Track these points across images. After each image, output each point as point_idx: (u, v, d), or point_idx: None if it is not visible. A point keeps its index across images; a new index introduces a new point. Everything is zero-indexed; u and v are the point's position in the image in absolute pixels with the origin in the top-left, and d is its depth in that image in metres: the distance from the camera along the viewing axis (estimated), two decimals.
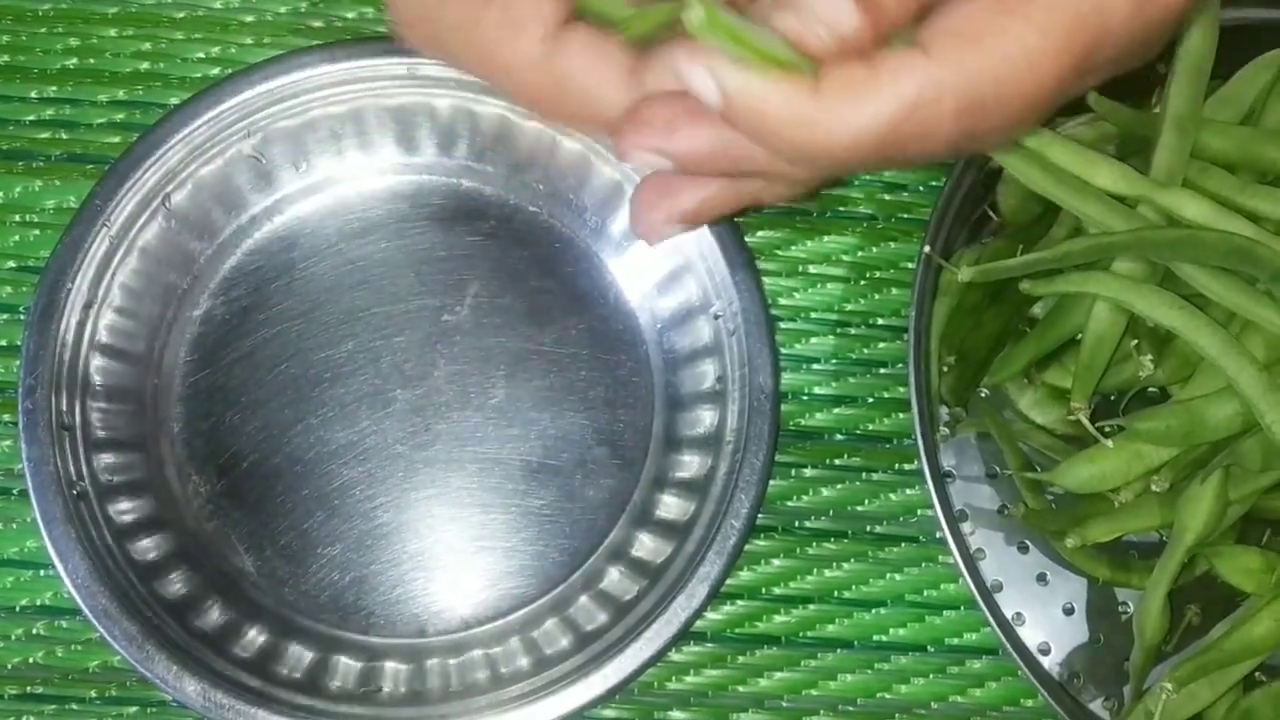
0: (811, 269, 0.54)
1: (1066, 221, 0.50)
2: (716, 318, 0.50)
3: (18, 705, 0.48)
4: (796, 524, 0.52)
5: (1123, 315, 0.48)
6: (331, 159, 0.51)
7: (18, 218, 0.52)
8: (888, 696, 0.51)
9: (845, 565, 0.52)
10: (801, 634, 0.51)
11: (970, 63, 0.28)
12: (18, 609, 0.49)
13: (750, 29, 0.27)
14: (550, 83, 0.32)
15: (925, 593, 0.52)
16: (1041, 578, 0.52)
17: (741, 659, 0.51)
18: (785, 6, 0.28)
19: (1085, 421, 0.47)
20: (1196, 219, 0.47)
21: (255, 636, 0.48)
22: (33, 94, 0.53)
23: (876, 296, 0.54)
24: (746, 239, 0.52)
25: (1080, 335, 0.49)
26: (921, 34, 0.28)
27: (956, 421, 0.52)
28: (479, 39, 0.33)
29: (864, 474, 0.53)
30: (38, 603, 0.49)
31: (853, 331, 0.54)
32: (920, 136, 0.28)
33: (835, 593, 0.52)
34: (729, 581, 0.50)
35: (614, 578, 0.50)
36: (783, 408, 0.52)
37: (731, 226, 0.50)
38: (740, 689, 0.51)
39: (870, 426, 0.53)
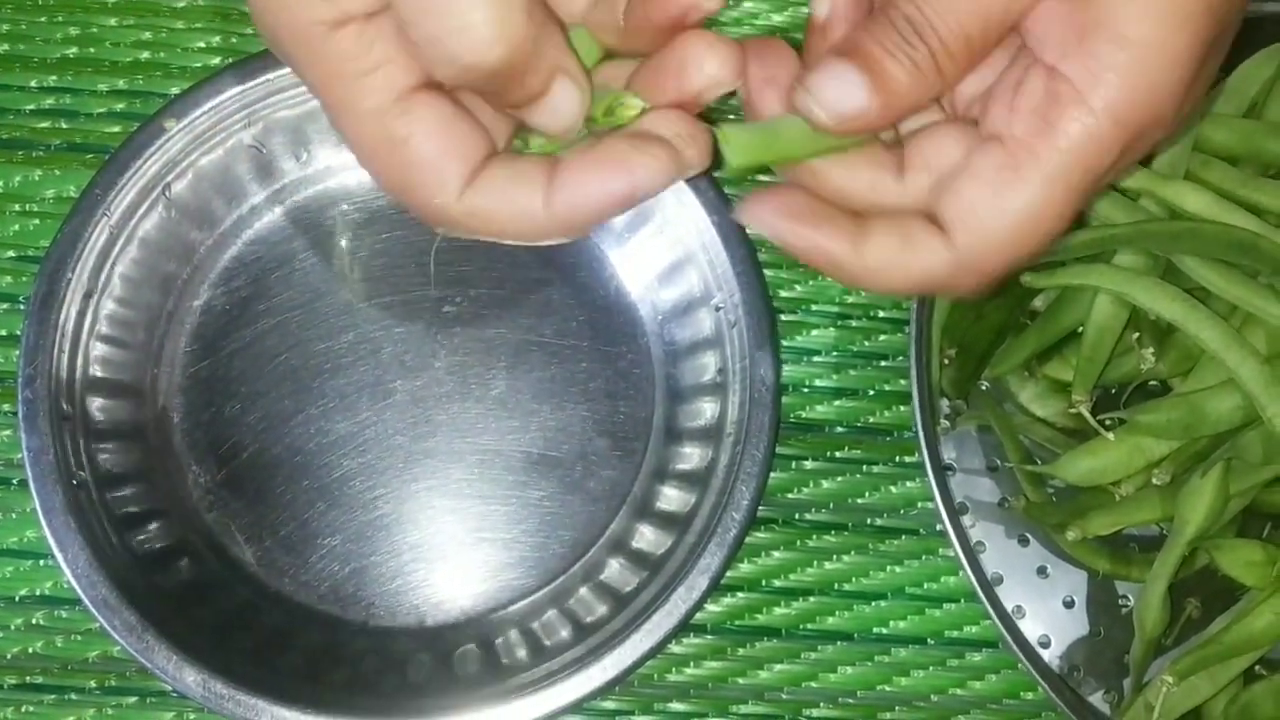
0: None
1: None
2: (718, 310, 0.50)
3: (17, 695, 0.48)
4: (797, 516, 0.52)
5: (1124, 308, 0.48)
6: (332, 149, 0.51)
7: (17, 207, 0.52)
8: (887, 689, 0.51)
9: (845, 558, 0.52)
10: (802, 626, 0.51)
11: (980, 245, 0.32)
12: (17, 599, 0.49)
13: (776, 133, 0.32)
14: (388, 140, 0.31)
15: (925, 585, 0.52)
16: (1042, 571, 0.52)
17: (741, 651, 0.51)
18: (800, 86, 0.31)
19: (1087, 414, 0.47)
20: (1198, 212, 0.47)
21: (255, 627, 0.48)
22: (33, 83, 0.53)
23: None
24: (748, 231, 0.52)
25: (1081, 328, 0.49)
26: (945, 212, 0.32)
27: (957, 414, 0.52)
28: (325, 60, 0.30)
29: (865, 466, 0.53)
30: (37, 592, 0.49)
31: (854, 324, 0.54)
32: (944, 289, 0.34)
33: (835, 585, 0.52)
34: (729, 574, 0.50)
35: (614, 569, 0.50)
36: (784, 400, 0.52)
37: (733, 219, 0.50)
38: (740, 681, 0.51)
39: (871, 419, 0.53)
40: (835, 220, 0.33)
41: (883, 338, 0.54)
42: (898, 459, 0.53)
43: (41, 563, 0.49)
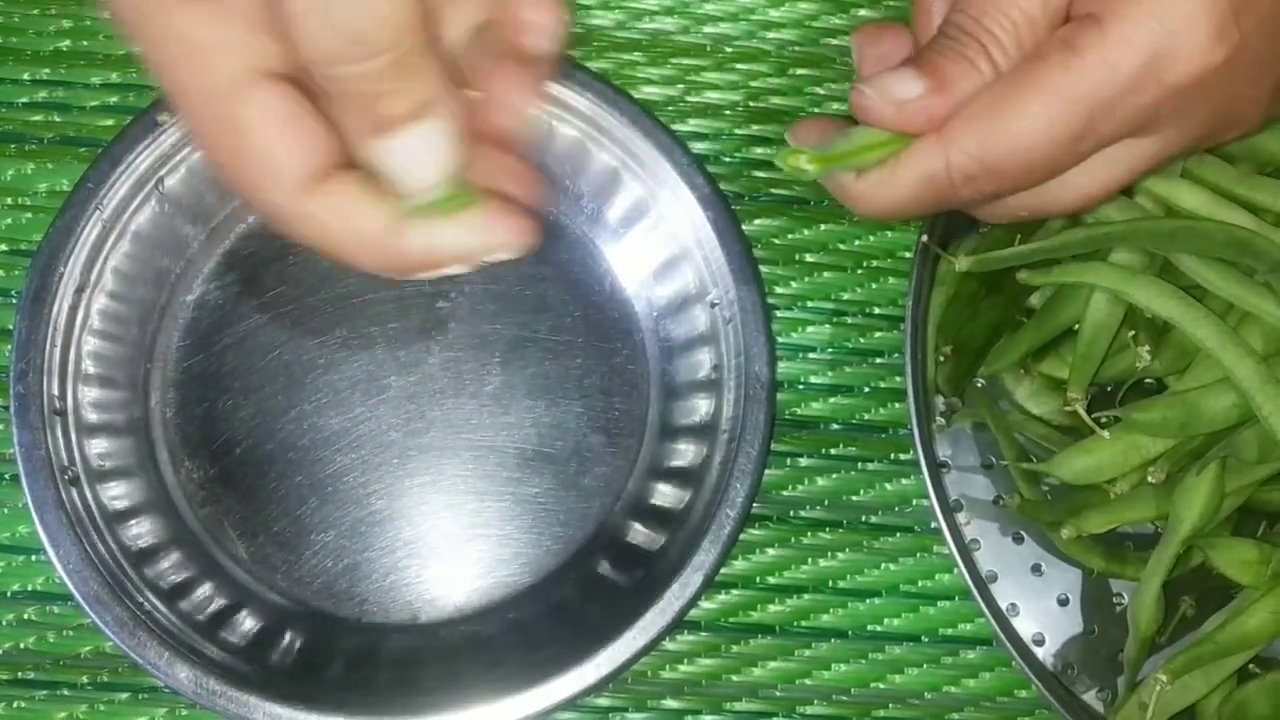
0: (808, 257, 0.54)
1: None
2: (713, 306, 0.50)
3: (8, 690, 0.48)
4: (791, 513, 0.52)
5: (1120, 306, 0.48)
6: None
7: (10, 201, 0.52)
8: (881, 686, 0.51)
9: (840, 555, 0.52)
10: (796, 623, 0.51)
11: (969, 142, 0.34)
12: (9, 594, 0.49)
13: (844, 140, 0.35)
14: (226, 124, 0.29)
15: (920, 583, 0.52)
16: (1036, 568, 0.52)
17: (735, 648, 0.51)
18: (864, 82, 0.35)
19: (1082, 413, 0.47)
20: (1195, 209, 0.47)
21: (247, 623, 0.48)
22: (25, 76, 0.52)
23: (873, 285, 0.54)
24: (744, 227, 0.52)
25: (1077, 326, 0.49)
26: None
27: (953, 412, 0.52)
28: (167, 36, 0.29)
29: (859, 463, 0.53)
30: (29, 588, 0.49)
31: (849, 320, 0.54)
32: (936, 199, 0.36)
33: (830, 582, 0.52)
34: (723, 570, 0.50)
35: (608, 566, 0.50)
36: (779, 397, 0.52)
37: (729, 215, 0.50)
38: (734, 678, 0.51)
39: (866, 416, 0.53)
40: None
41: (878, 334, 0.54)
42: (893, 456, 0.53)
43: (33, 558, 0.49)
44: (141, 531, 0.48)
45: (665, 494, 0.50)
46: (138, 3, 0.29)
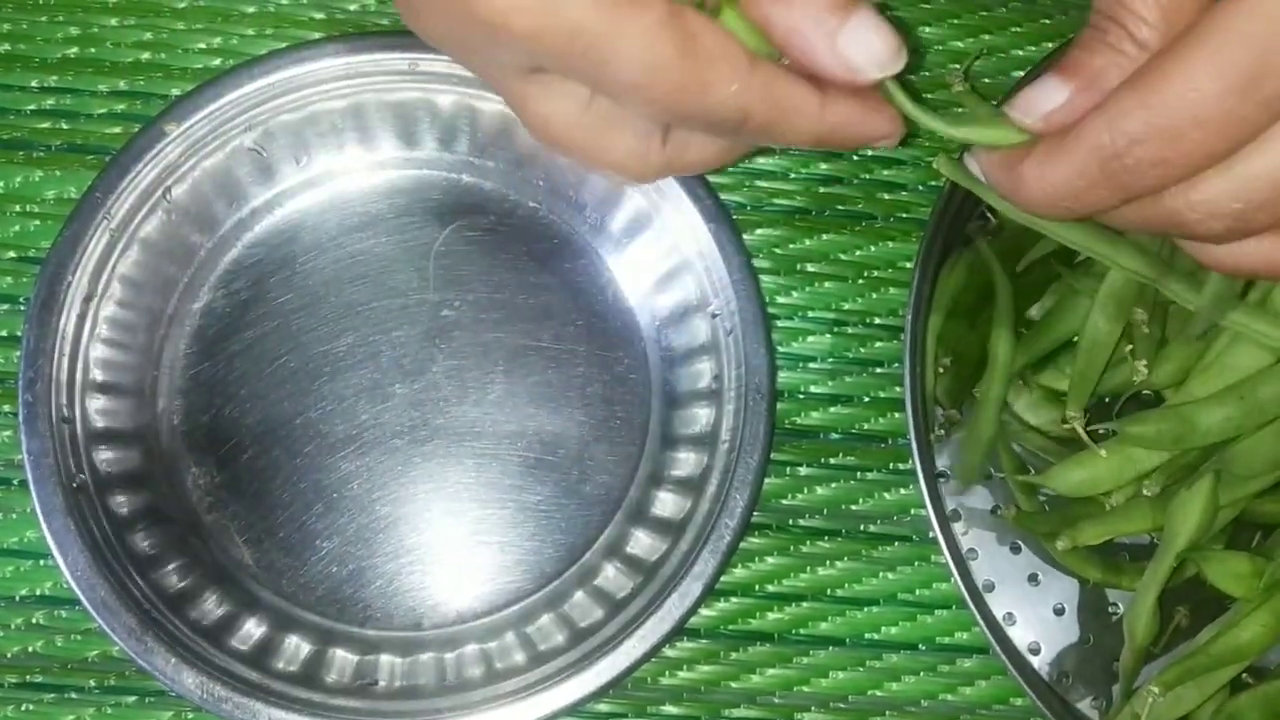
0: (809, 268, 0.54)
1: None
2: (714, 316, 0.51)
3: (17, 694, 0.49)
4: (791, 522, 0.53)
5: (1118, 323, 0.48)
6: (332, 153, 0.52)
7: (18, 208, 0.52)
8: (879, 694, 0.52)
9: (839, 563, 0.52)
10: (794, 631, 0.52)
11: (1131, 101, 0.32)
12: (17, 598, 0.50)
13: (987, 121, 0.36)
14: (681, 40, 0.34)
15: (917, 591, 0.52)
16: (1033, 578, 0.52)
17: (734, 655, 0.52)
18: (1009, 105, 0.35)
19: (1081, 431, 0.48)
20: None
21: (253, 629, 0.48)
22: (33, 83, 0.53)
23: (874, 296, 0.54)
24: (745, 237, 0.52)
25: (1076, 338, 0.50)
26: None
27: (951, 422, 0.52)
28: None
29: (858, 473, 0.53)
30: (37, 592, 0.50)
31: (850, 330, 0.54)
32: (1105, 178, 0.33)
33: (828, 590, 0.52)
34: (723, 578, 0.51)
35: (609, 574, 0.50)
36: (779, 406, 0.52)
37: (730, 225, 0.50)
38: (733, 685, 0.51)
39: (866, 425, 0.54)
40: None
41: (878, 344, 0.54)
42: (892, 465, 0.53)
43: (42, 563, 0.50)
44: (148, 538, 0.48)
45: (666, 502, 0.51)
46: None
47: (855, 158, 0.55)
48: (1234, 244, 0.35)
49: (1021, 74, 0.55)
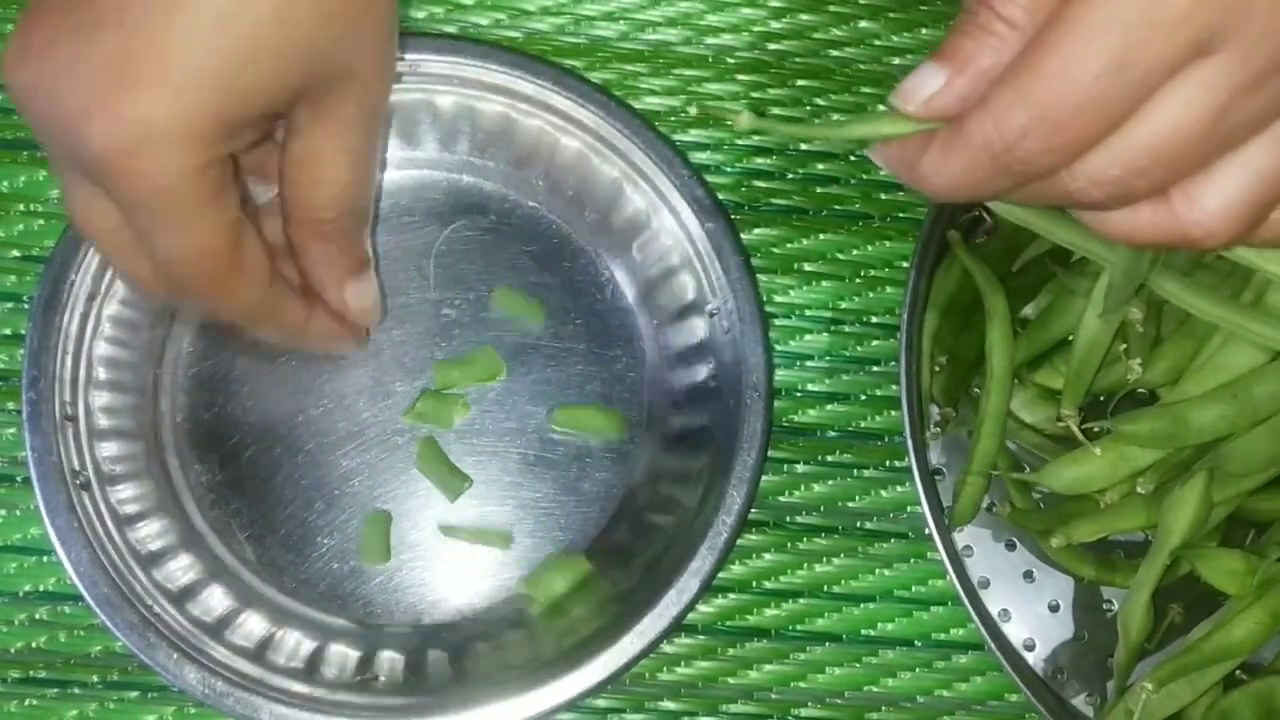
0: (806, 267, 0.55)
1: None
2: (712, 315, 0.51)
3: (21, 688, 0.49)
4: (788, 519, 0.53)
5: (1112, 323, 0.48)
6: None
7: (22, 207, 0.52)
8: (874, 690, 0.52)
9: (835, 560, 0.53)
10: (791, 627, 0.52)
11: (1008, 93, 0.32)
12: (21, 594, 0.50)
13: (875, 115, 0.36)
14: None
15: (913, 588, 0.53)
16: (1028, 575, 0.53)
17: (732, 651, 0.52)
18: (893, 94, 0.35)
19: (1076, 430, 0.48)
20: None
21: (255, 625, 0.49)
22: None
23: (870, 294, 0.55)
24: (742, 237, 0.52)
25: (1071, 337, 0.50)
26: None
27: (947, 420, 0.52)
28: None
29: (855, 470, 0.54)
30: (40, 588, 0.50)
31: (846, 329, 0.55)
32: (998, 169, 0.33)
33: (825, 587, 0.53)
34: (720, 575, 0.51)
35: (608, 569, 0.50)
36: (776, 404, 0.53)
37: (728, 225, 0.51)
38: (730, 681, 0.52)
39: (862, 423, 0.54)
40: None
41: (875, 343, 0.55)
42: (888, 463, 0.54)
43: (45, 559, 0.50)
44: (151, 534, 0.49)
45: (664, 499, 0.51)
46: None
47: (852, 158, 0.55)
48: (1125, 211, 0.35)
49: None
